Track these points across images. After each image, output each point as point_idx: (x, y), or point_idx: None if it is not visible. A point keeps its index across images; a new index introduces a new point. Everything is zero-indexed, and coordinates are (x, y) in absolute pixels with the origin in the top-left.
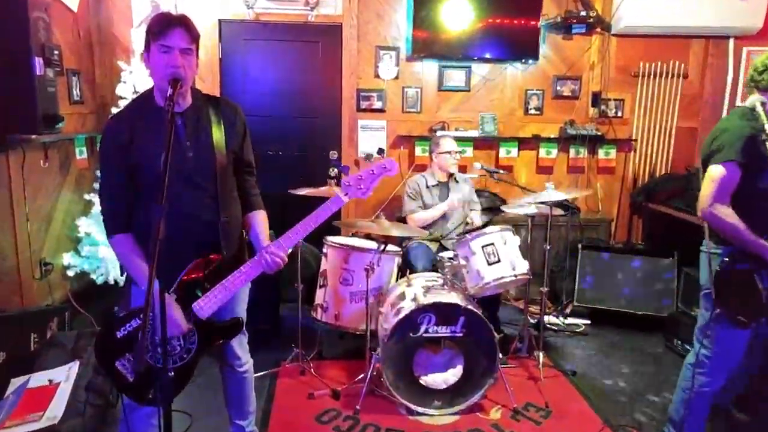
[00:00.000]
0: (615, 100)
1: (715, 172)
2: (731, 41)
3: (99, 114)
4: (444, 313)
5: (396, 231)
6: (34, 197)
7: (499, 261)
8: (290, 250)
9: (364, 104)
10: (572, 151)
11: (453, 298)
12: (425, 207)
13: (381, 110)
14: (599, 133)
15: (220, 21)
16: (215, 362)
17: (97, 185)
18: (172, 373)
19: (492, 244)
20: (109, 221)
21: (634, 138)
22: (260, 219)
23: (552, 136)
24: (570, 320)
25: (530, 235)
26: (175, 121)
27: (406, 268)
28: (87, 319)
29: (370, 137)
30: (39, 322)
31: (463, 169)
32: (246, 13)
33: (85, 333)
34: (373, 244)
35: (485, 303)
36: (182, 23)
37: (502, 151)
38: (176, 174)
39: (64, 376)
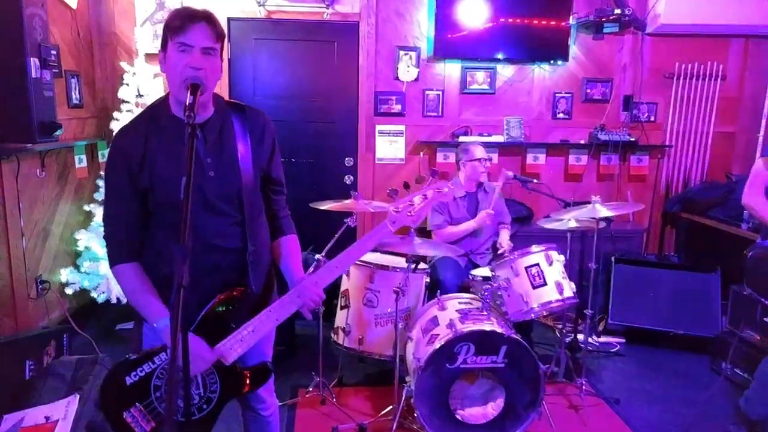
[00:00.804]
0: (648, 103)
1: (755, 164)
2: None
3: (100, 119)
4: (484, 342)
5: (428, 249)
6: (30, 210)
7: (544, 284)
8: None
9: (382, 108)
10: (603, 158)
11: (494, 325)
12: (452, 221)
13: (400, 114)
14: (633, 139)
15: (229, 19)
16: (236, 404)
17: (97, 195)
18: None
19: (537, 264)
20: (114, 249)
21: (668, 144)
22: (292, 246)
23: (581, 141)
24: (603, 339)
25: (568, 250)
26: (195, 138)
27: (434, 287)
28: (88, 342)
29: (388, 143)
30: (35, 347)
31: (491, 177)
32: (257, 11)
33: (86, 360)
34: (400, 261)
35: (517, 324)
36: (206, 18)
37: (529, 158)
38: (195, 197)
39: (62, 412)
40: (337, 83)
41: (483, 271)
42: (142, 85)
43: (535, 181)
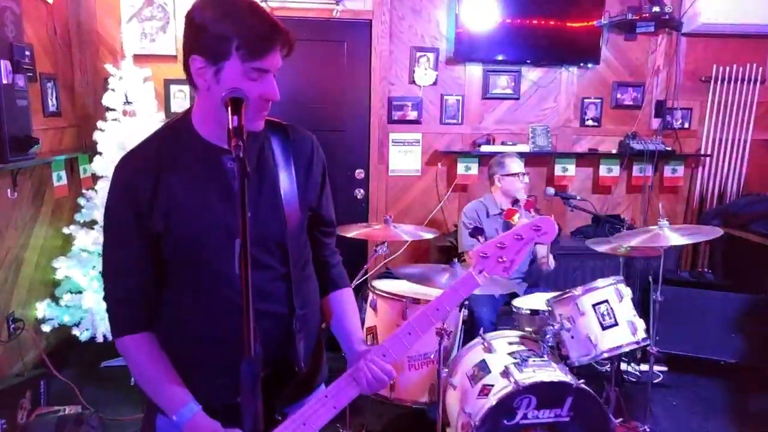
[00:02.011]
0: (682, 109)
1: None
2: None
3: (80, 129)
4: (548, 394)
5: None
6: (0, 236)
7: (615, 324)
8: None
9: (396, 115)
10: (636, 169)
11: (558, 373)
12: (486, 241)
13: (416, 121)
14: (669, 149)
15: None
16: None
17: (78, 216)
18: None
19: (606, 301)
20: (116, 316)
21: (705, 153)
22: (349, 304)
23: (612, 150)
24: (643, 366)
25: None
26: (223, 165)
27: (470, 323)
28: (68, 389)
29: (402, 153)
30: (8, 400)
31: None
32: None
33: (69, 418)
34: (436, 293)
35: None
36: (286, 35)
37: (558, 169)
38: (226, 245)
39: None
40: (347, 87)
41: (525, 302)
42: (131, 90)
43: (578, 197)
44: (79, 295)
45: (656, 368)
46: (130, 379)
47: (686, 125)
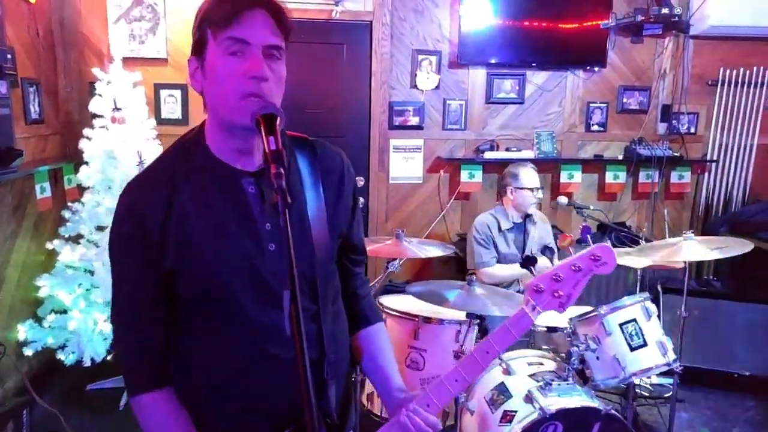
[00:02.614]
0: (689, 113)
1: None
2: None
3: (64, 136)
4: (575, 420)
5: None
6: None
7: (644, 344)
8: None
9: (397, 120)
10: (642, 175)
11: (584, 398)
12: (500, 257)
13: (418, 127)
14: (676, 154)
15: None
16: None
17: (63, 230)
18: None
19: (633, 320)
20: (133, 372)
21: (711, 158)
22: (383, 342)
23: (618, 156)
24: (655, 379)
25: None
26: (243, 189)
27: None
28: (53, 417)
29: (404, 160)
30: None
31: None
32: None
33: None
34: (449, 312)
35: None
36: (266, 4)
37: (563, 176)
38: (246, 282)
39: None
40: (347, 91)
41: (541, 318)
42: (120, 96)
43: (591, 207)
44: (64, 315)
45: (666, 381)
46: (119, 403)
47: (692, 130)
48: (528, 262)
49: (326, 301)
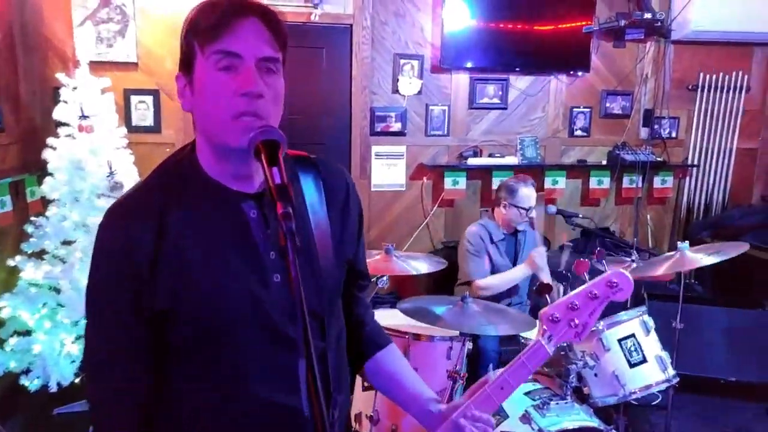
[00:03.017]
0: (670, 118)
1: None
2: None
3: (26, 145)
4: None
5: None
6: None
7: (644, 360)
8: None
9: (379, 126)
10: (626, 180)
11: (583, 416)
12: (493, 268)
13: (400, 133)
14: (660, 159)
15: None
16: None
17: (26, 246)
18: None
19: (632, 335)
20: (106, 418)
21: (692, 162)
22: (402, 362)
23: (602, 161)
24: None
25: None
26: (244, 214)
27: (474, 357)
28: None
29: (386, 167)
30: None
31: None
32: None
33: None
34: (438, 330)
35: None
36: (260, 12)
37: (548, 181)
38: (245, 320)
39: None
40: (326, 97)
41: (533, 332)
42: (87, 103)
43: (580, 216)
44: (28, 337)
45: (655, 389)
46: (88, 429)
47: (674, 134)
48: (544, 289)
49: (333, 338)
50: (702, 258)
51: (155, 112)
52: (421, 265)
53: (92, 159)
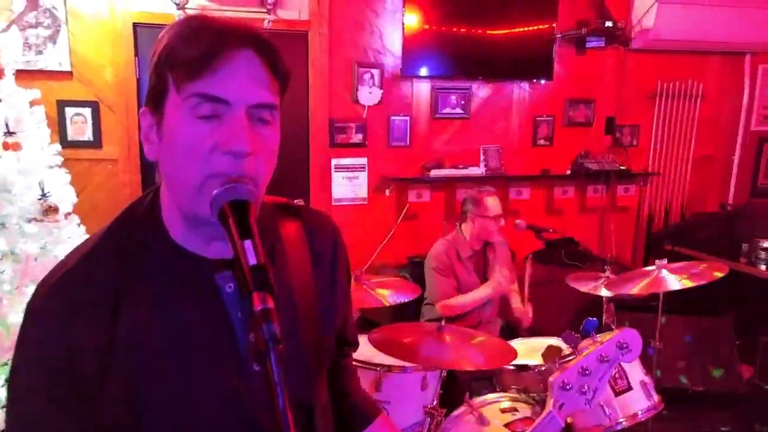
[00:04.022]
0: (631, 126)
1: None
2: (747, 58)
3: None
4: None
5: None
6: None
7: (629, 387)
8: None
9: (338, 138)
10: (590, 189)
11: None
12: (460, 287)
13: (361, 145)
14: (623, 168)
15: (135, 25)
16: None
17: None
18: None
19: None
20: None
21: (652, 170)
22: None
23: (566, 171)
24: None
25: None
26: (219, 290)
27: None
28: None
29: (347, 180)
30: None
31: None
32: (175, 15)
33: None
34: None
35: None
36: (256, 41)
37: (512, 192)
38: (221, 420)
39: None
40: (282, 107)
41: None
42: (12, 117)
43: (551, 230)
44: None
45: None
46: None
47: (635, 142)
48: (550, 354)
49: (320, 426)
50: (681, 280)
51: (94, 126)
52: (391, 296)
53: (21, 179)
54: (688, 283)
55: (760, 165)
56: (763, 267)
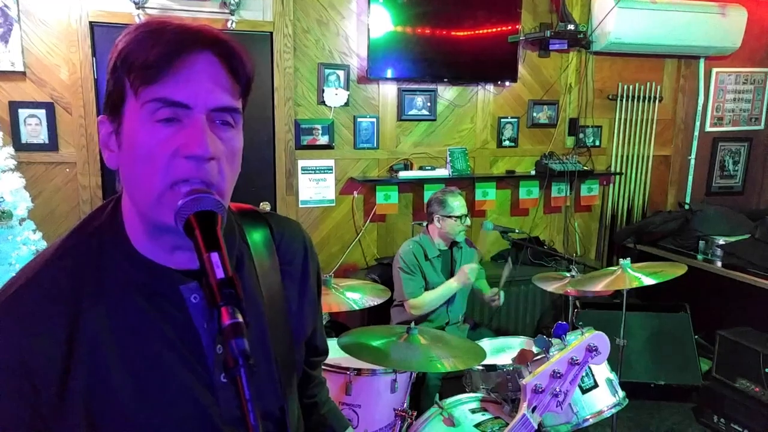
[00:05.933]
0: (593, 127)
1: None
2: (702, 61)
3: None
4: None
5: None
6: None
7: (595, 385)
8: None
9: (305, 139)
10: (554, 189)
11: None
12: (428, 286)
13: (328, 146)
14: (586, 168)
15: (92, 24)
16: None
17: None
18: None
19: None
20: None
21: (614, 170)
22: None
23: (530, 171)
24: None
25: (564, 319)
26: (185, 302)
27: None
28: None
29: (314, 182)
30: None
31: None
32: (134, 15)
33: None
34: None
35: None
36: (214, 42)
37: (478, 193)
38: (187, 428)
39: None
40: (247, 110)
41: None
42: None
43: (517, 231)
44: None
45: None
46: None
47: (597, 143)
48: (523, 357)
49: None
50: (643, 278)
51: (50, 128)
52: (361, 298)
53: None
54: (650, 281)
55: (714, 165)
56: (719, 263)
